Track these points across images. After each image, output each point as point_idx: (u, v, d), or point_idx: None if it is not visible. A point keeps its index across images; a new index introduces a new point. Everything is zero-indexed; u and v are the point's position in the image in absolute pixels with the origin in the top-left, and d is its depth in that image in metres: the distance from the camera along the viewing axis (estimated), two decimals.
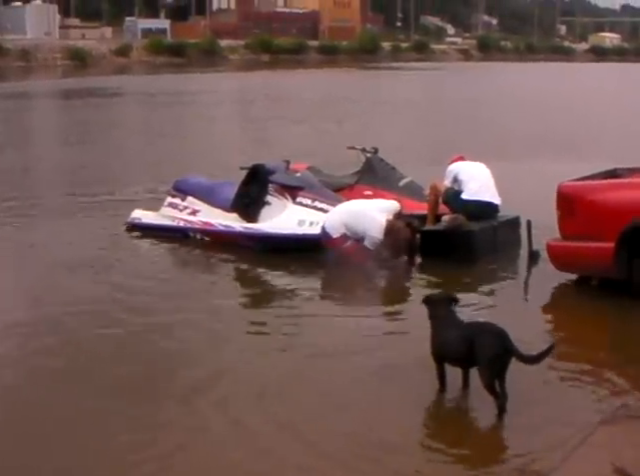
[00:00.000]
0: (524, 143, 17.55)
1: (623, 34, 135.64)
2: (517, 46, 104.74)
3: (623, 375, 5.99)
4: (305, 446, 4.94)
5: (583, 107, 27.94)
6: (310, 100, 30.06)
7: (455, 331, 5.47)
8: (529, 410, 5.37)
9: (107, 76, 46.91)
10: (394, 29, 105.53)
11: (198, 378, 5.87)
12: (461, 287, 8.08)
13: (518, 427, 5.16)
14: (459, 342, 5.36)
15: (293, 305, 7.64)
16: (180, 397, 5.55)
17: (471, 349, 5.27)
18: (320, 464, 4.76)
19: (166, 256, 9.45)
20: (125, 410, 5.36)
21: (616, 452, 4.78)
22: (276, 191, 9.58)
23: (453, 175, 9.45)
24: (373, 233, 8.48)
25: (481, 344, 5.24)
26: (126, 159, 16.57)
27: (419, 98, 32.05)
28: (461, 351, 5.35)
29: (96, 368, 6.05)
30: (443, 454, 4.90)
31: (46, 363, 6.16)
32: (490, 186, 9.37)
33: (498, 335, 5.26)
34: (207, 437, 5.05)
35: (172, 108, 27.99)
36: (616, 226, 7.39)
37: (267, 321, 7.18)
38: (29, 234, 10.18)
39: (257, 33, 78.82)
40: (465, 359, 5.38)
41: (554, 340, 5.38)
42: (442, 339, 5.49)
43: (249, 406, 5.44)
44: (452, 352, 5.45)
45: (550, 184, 8.26)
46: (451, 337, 5.44)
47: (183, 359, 6.22)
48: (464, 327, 5.52)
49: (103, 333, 6.75)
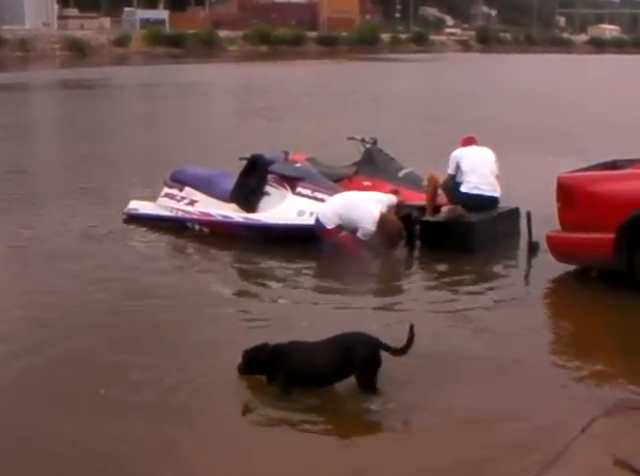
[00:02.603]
0: (521, 135, 17.48)
1: (622, 26, 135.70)
2: (516, 37, 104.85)
3: (622, 366, 6.00)
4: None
5: (581, 99, 27.90)
6: (304, 93, 29.98)
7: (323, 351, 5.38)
8: (527, 401, 5.37)
9: (104, 67, 46.87)
10: (393, 20, 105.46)
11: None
12: (460, 277, 8.10)
13: (515, 417, 5.15)
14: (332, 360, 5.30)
15: (291, 295, 7.60)
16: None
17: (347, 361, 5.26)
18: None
19: (163, 246, 9.41)
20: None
21: (616, 444, 4.76)
22: (275, 181, 9.55)
23: (456, 162, 9.37)
24: (366, 224, 8.45)
25: (357, 354, 5.25)
26: (122, 150, 16.53)
27: (415, 90, 31.97)
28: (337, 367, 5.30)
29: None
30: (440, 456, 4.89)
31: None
32: (491, 179, 9.30)
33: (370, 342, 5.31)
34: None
35: (168, 99, 27.98)
36: (616, 217, 7.37)
37: (266, 310, 7.15)
38: (20, 224, 10.15)
39: (256, 24, 78.70)
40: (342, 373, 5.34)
41: (412, 327, 5.35)
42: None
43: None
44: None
45: (549, 175, 8.25)
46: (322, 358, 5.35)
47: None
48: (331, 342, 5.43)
49: (85, 325, 6.71)
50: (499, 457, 4.75)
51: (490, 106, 24.92)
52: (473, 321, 6.91)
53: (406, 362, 5.50)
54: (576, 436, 4.85)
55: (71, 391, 5.50)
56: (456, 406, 5.29)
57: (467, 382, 5.64)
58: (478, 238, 8.92)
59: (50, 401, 5.37)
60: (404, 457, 4.76)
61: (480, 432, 4.99)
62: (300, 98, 28.02)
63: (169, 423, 5.07)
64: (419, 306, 7.27)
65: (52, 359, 6.02)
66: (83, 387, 5.53)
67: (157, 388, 5.50)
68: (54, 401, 5.37)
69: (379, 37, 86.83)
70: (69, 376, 5.74)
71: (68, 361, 5.99)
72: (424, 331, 5.80)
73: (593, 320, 7.20)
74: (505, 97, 28.55)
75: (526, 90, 31.48)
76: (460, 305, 7.32)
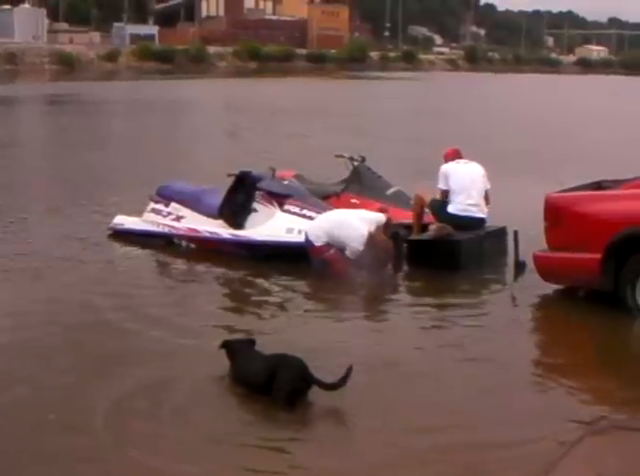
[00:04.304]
0: (506, 156, 17.46)
1: (610, 47, 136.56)
2: (505, 57, 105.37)
3: (609, 384, 6.00)
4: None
5: (567, 121, 28.03)
6: (289, 110, 29.99)
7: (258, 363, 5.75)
8: (512, 420, 5.36)
9: (91, 81, 46.81)
10: (382, 38, 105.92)
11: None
12: (446, 296, 8.10)
13: (500, 437, 5.13)
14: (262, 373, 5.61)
15: (276, 313, 7.58)
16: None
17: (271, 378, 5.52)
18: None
19: (149, 262, 9.38)
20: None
21: (602, 463, 4.76)
22: (263, 198, 9.54)
23: (445, 177, 9.32)
24: (353, 244, 8.43)
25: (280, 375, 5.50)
26: (108, 165, 16.42)
27: (399, 109, 32.01)
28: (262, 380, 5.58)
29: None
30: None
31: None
32: (479, 200, 9.28)
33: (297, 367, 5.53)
34: None
35: (155, 115, 27.99)
36: (603, 237, 7.39)
37: (251, 328, 7.12)
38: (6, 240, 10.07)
39: (245, 40, 78.87)
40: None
41: (351, 364, 5.49)
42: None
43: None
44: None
45: (535, 196, 8.27)
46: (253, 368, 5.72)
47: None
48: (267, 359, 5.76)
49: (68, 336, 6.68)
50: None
51: (474, 126, 24.91)
52: (459, 340, 6.90)
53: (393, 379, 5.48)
54: (561, 455, 4.84)
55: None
56: (438, 426, 5.27)
57: (450, 402, 5.62)
58: (465, 257, 8.93)
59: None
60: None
61: (466, 452, 4.96)
62: (280, 116, 28.00)
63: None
64: (404, 324, 7.27)
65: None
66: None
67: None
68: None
69: (368, 55, 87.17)
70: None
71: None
72: (408, 349, 5.80)
73: (579, 338, 7.20)
74: (490, 118, 28.58)
75: (512, 112, 31.64)
76: (446, 324, 7.33)
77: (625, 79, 71.21)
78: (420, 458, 4.90)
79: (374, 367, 6.14)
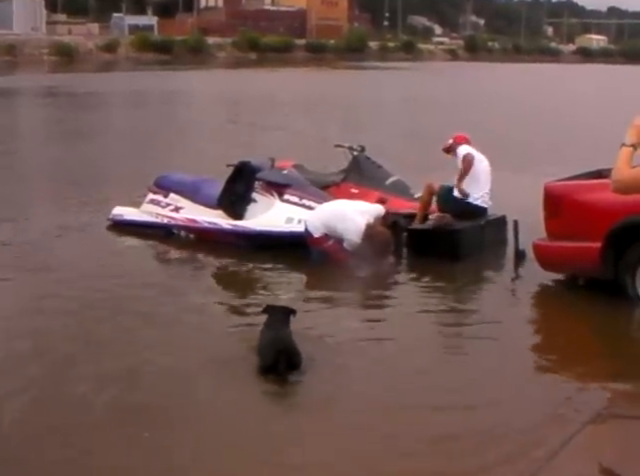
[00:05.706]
0: (505, 145, 17.43)
1: (609, 36, 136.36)
2: (504, 47, 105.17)
3: (609, 372, 5.98)
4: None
5: (567, 110, 27.98)
6: (287, 101, 29.91)
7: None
8: (511, 409, 5.36)
9: (90, 73, 46.73)
10: (381, 28, 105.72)
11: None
12: (446, 285, 8.10)
13: (499, 427, 5.12)
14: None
15: (276, 303, 7.53)
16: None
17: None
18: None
19: (149, 253, 9.36)
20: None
21: (602, 451, 4.76)
22: (262, 188, 9.53)
23: (470, 158, 9.19)
24: (351, 236, 8.42)
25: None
26: (106, 157, 16.38)
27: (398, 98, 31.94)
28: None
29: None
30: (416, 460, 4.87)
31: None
32: (488, 191, 9.32)
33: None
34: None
35: (152, 106, 27.92)
36: (602, 226, 7.38)
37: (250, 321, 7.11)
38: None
39: (244, 31, 78.73)
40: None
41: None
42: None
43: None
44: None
45: (535, 185, 8.25)
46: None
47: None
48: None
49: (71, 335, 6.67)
50: (484, 467, 4.72)
51: (474, 115, 24.82)
52: (459, 328, 6.93)
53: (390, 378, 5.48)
54: (562, 444, 4.83)
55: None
56: (435, 418, 5.26)
57: (449, 393, 5.61)
58: (464, 246, 8.92)
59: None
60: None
61: (465, 442, 4.96)
62: (283, 108, 27.93)
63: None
64: (404, 314, 7.25)
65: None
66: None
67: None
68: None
69: (367, 45, 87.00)
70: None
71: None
72: (408, 340, 5.79)
73: (579, 327, 7.20)
74: (490, 107, 28.50)
75: (512, 101, 31.56)
76: (446, 313, 7.33)
77: (625, 68, 71.08)
78: (412, 447, 4.90)
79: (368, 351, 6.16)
